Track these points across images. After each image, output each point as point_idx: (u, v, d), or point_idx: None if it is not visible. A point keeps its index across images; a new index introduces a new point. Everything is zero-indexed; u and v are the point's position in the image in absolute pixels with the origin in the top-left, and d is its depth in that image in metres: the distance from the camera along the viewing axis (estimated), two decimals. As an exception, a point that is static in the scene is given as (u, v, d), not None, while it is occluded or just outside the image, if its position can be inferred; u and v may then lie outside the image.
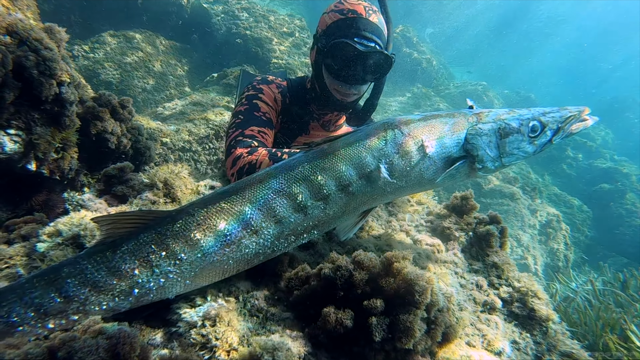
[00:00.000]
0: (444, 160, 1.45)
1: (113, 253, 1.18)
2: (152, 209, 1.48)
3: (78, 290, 1.13)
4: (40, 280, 1.13)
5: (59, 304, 1.11)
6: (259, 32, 8.68)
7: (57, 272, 1.14)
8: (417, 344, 1.21)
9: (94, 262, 1.17)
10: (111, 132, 2.21)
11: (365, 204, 1.45)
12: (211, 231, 1.25)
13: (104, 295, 1.16)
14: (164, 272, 1.21)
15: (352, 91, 2.33)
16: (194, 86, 7.76)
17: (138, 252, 1.20)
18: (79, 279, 1.14)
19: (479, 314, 1.66)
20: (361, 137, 1.42)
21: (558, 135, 1.52)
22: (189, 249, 1.22)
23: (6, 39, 1.59)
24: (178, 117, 4.77)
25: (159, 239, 1.22)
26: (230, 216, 1.27)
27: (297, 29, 9.81)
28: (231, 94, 6.74)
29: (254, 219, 1.28)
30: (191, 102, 5.20)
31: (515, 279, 1.85)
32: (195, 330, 1.20)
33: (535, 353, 1.65)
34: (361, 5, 2.20)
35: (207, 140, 4.58)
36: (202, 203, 1.31)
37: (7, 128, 1.64)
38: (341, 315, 1.20)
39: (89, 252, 1.20)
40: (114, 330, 1.02)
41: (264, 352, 1.08)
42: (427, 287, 1.17)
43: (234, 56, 8.63)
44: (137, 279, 1.18)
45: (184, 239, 1.23)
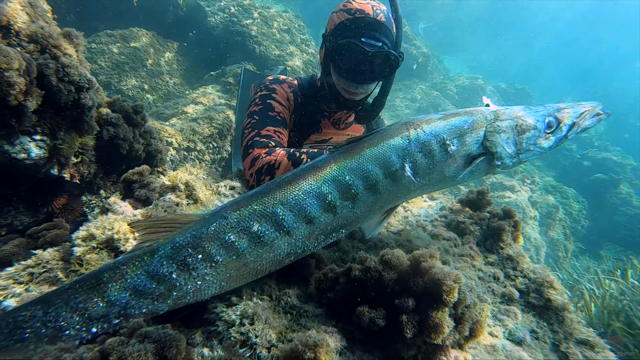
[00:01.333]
0: (464, 157, 1.50)
1: (151, 257, 1.21)
2: (186, 213, 1.51)
3: (120, 295, 1.16)
4: (83, 286, 1.15)
5: (102, 308, 1.14)
6: (256, 29, 8.66)
7: (98, 277, 1.17)
8: (445, 339, 1.26)
9: (133, 267, 1.19)
10: (123, 137, 2.22)
11: (390, 202, 1.49)
12: (245, 233, 1.28)
13: (143, 299, 1.19)
14: (200, 275, 1.23)
15: (360, 90, 2.36)
16: (192, 84, 7.73)
17: (175, 255, 1.22)
18: (120, 284, 1.17)
19: (498, 305, 1.71)
20: (385, 137, 1.46)
21: (573, 131, 1.57)
22: (225, 251, 1.25)
23: (30, 46, 1.61)
24: (180, 117, 4.77)
25: (195, 242, 1.24)
26: (263, 218, 1.30)
27: (294, 26, 9.80)
28: (230, 92, 6.73)
29: (286, 219, 1.31)
30: (192, 101, 5.20)
31: (530, 270, 1.90)
32: (234, 329, 1.24)
33: (552, 341, 1.71)
34: (369, 5, 2.22)
35: (210, 139, 4.59)
36: (235, 206, 1.33)
37: (33, 134, 1.66)
38: (374, 314, 1.24)
39: (127, 257, 1.22)
40: (160, 333, 1.05)
41: (306, 348, 1.12)
42: (454, 286, 1.20)
43: (231, 54, 8.59)
44: (175, 282, 1.21)
45: (220, 242, 1.26)
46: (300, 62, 9.21)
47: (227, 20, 8.57)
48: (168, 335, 1.04)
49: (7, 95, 1.45)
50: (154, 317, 1.24)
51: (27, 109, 1.58)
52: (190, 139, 4.28)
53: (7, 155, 1.60)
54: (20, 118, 1.56)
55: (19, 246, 1.50)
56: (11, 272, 1.31)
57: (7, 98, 1.46)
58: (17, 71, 1.45)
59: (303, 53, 9.57)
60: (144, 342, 1.02)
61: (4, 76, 1.43)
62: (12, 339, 1.06)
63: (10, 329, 1.06)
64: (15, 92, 1.46)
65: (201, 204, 1.86)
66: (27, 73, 1.51)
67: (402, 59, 2.30)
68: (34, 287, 1.29)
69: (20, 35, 1.58)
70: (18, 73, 1.46)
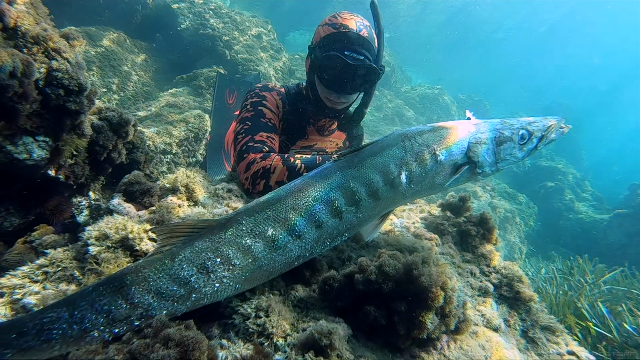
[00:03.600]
0: (451, 166, 1.68)
1: (172, 261, 1.25)
2: (203, 218, 1.56)
3: (142, 297, 1.19)
4: (107, 288, 1.18)
5: (126, 310, 1.17)
6: (227, 33, 8.65)
7: (121, 280, 1.20)
8: (431, 333, 1.38)
9: (155, 270, 1.23)
10: (102, 145, 2.20)
11: (387, 207, 1.63)
12: (260, 237, 1.35)
13: (165, 301, 1.23)
14: (219, 277, 1.29)
15: (342, 100, 2.52)
16: (162, 87, 7.59)
17: (195, 259, 1.27)
18: (143, 287, 1.20)
19: (476, 297, 1.91)
20: (384, 147, 1.60)
21: (542, 142, 1.80)
22: (242, 255, 1.32)
23: (34, 48, 1.63)
24: (155, 119, 4.71)
25: (213, 246, 1.30)
26: (276, 223, 1.38)
27: (264, 32, 9.87)
28: (202, 95, 6.70)
29: (297, 224, 1.40)
30: (167, 104, 5.14)
31: (502, 266, 2.13)
32: (250, 321, 1.33)
33: (522, 328, 1.94)
34: (353, 21, 2.39)
35: (186, 143, 4.56)
36: (249, 212, 1.40)
37: (36, 134, 1.67)
38: (378, 314, 1.38)
39: (148, 261, 1.26)
40: (182, 337, 1.07)
41: (322, 336, 1.23)
42: (439, 293, 1.32)
43: (200, 57, 8.52)
44: (195, 285, 1.26)
45: (237, 246, 1.32)
46: (270, 67, 9.29)
47: (198, 24, 8.50)
48: (189, 338, 1.07)
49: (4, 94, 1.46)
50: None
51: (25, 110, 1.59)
52: (167, 142, 4.24)
53: (9, 155, 1.60)
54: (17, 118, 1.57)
55: (22, 253, 1.51)
56: (26, 271, 1.33)
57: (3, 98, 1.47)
58: (11, 73, 1.47)
59: (273, 59, 9.66)
60: (168, 344, 1.05)
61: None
62: (39, 340, 1.07)
63: (37, 329, 1.07)
64: (11, 94, 1.48)
65: (202, 205, 1.93)
66: (25, 75, 1.53)
67: (383, 72, 2.49)
68: (50, 285, 1.32)
69: (26, 37, 1.59)
70: (11, 75, 1.48)
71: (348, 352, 1.30)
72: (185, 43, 8.40)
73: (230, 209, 1.94)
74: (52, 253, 1.41)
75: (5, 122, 1.54)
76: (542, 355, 1.83)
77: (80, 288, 1.33)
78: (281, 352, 1.26)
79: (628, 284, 4.44)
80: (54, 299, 1.27)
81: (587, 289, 3.86)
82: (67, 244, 1.62)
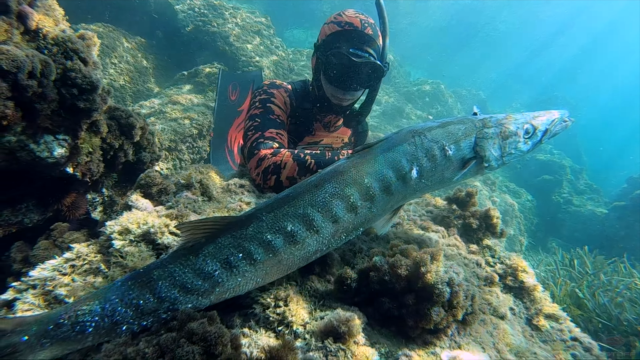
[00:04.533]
0: (459, 161, 1.74)
1: (196, 256, 1.29)
2: (224, 215, 1.61)
3: (169, 291, 1.23)
4: (135, 283, 1.22)
5: (153, 304, 1.21)
6: (227, 29, 8.66)
7: (148, 275, 1.24)
8: (438, 324, 1.43)
9: (180, 265, 1.27)
10: (109, 143, 2.25)
11: (398, 202, 1.69)
12: (280, 233, 1.38)
13: (190, 296, 1.26)
14: (241, 272, 1.33)
15: (347, 96, 2.57)
16: (163, 84, 7.61)
17: (218, 254, 1.31)
18: (169, 281, 1.24)
19: (482, 287, 1.98)
20: (395, 144, 1.66)
21: (546, 136, 1.86)
22: (263, 250, 1.36)
23: (54, 49, 1.67)
24: (159, 116, 4.75)
25: (236, 242, 1.34)
26: (295, 218, 1.42)
27: (263, 27, 9.87)
28: (204, 92, 6.73)
29: (315, 220, 1.44)
30: (170, 101, 5.17)
31: (506, 257, 2.20)
32: (270, 310, 1.39)
33: (526, 316, 2.01)
34: (358, 19, 2.43)
35: (191, 140, 4.60)
36: (268, 208, 1.43)
37: (57, 133, 1.72)
38: (391, 305, 1.44)
39: (173, 257, 1.30)
40: (206, 331, 1.10)
41: (340, 323, 1.29)
42: (443, 290, 1.38)
43: (201, 54, 8.54)
44: (218, 279, 1.30)
45: (258, 241, 1.36)
46: (269, 62, 9.31)
47: (198, 20, 8.50)
48: (211, 333, 1.10)
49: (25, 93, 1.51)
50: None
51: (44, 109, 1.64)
52: (172, 139, 4.29)
53: (32, 153, 1.65)
54: (37, 118, 1.62)
55: (48, 249, 1.56)
56: (55, 264, 1.38)
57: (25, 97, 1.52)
58: (30, 73, 1.51)
59: (272, 54, 9.68)
60: (192, 339, 1.08)
61: (19, 78, 1.49)
62: (74, 331, 1.12)
63: (72, 321, 1.12)
64: (30, 94, 1.52)
65: (216, 200, 1.98)
66: (44, 75, 1.57)
67: (388, 69, 2.53)
68: (78, 277, 1.38)
69: (47, 39, 1.64)
70: (31, 75, 1.52)
71: (364, 338, 1.36)
72: (185, 39, 8.41)
73: (244, 203, 2.00)
74: (77, 247, 1.46)
75: (27, 122, 1.59)
76: (547, 342, 1.90)
77: (106, 280, 1.38)
78: (301, 339, 1.33)
79: (627, 275, 4.53)
80: (82, 291, 1.33)
81: (587, 280, 3.94)
82: (89, 239, 1.68)
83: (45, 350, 1.09)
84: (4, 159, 1.64)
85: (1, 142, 1.54)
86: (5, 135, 1.49)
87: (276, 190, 2.23)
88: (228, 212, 1.87)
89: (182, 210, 1.68)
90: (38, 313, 1.22)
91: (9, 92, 1.38)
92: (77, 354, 1.18)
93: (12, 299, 1.26)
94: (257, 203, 2.08)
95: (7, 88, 1.37)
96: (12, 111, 1.36)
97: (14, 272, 1.46)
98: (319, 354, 1.26)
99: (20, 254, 1.49)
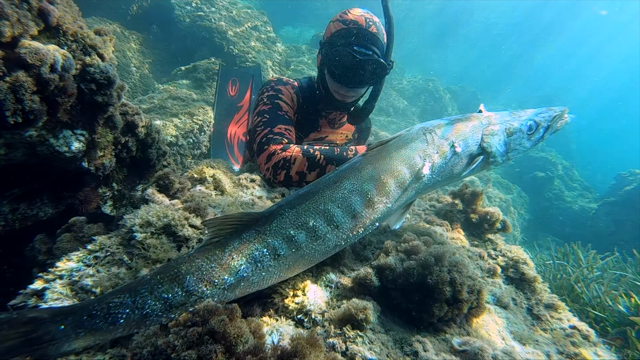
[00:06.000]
0: (467, 156, 1.81)
1: (222, 251, 1.33)
2: (248, 212, 1.64)
3: (197, 285, 1.26)
4: (164, 277, 1.25)
5: (182, 297, 1.24)
6: (224, 25, 8.63)
7: (177, 269, 1.27)
8: (442, 317, 1.51)
9: (207, 260, 1.30)
10: (116, 137, 2.27)
11: (411, 198, 1.75)
12: (302, 228, 1.43)
13: (216, 289, 1.29)
14: (265, 267, 1.37)
15: (351, 93, 2.62)
16: (159, 79, 7.59)
17: (244, 249, 1.35)
18: (197, 275, 1.27)
19: (486, 278, 2.06)
20: (408, 141, 1.71)
21: (548, 132, 1.93)
22: (286, 245, 1.40)
23: (73, 45, 1.70)
24: (159, 112, 4.75)
25: (260, 237, 1.38)
26: (316, 214, 1.46)
27: (260, 23, 9.85)
28: (202, 87, 6.73)
29: (336, 215, 1.48)
30: (170, 96, 5.17)
31: (508, 250, 2.28)
32: (289, 300, 1.45)
33: (527, 306, 2.09)
34: (363, 17, 2.48)
35: (191, 135, 4.62)
36: (289, 204, 1.48)
37: (75, 128, 1.75)
38: (400, 300, 1.51)
39: (199, 252, 1.33)
40: (225, 328, 1.08)
41: (357, 310, 1.36)
42: (445, 289, 1.44)
43: (198, 49, 8.51)
44: (244, 274, 1.33)
45: (282, 237, 1.40)
46: (267, 58, 9.31)
47: (194, 15, 8.46)
48: (232, 329, 1.09)
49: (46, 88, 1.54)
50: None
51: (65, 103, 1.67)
52: (173, 134, 4.30)
53: (51, 148, 1.68)
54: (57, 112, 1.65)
55: (70, 241, 1.60)
56: (80, 255, 1.42)
57: (46, 91, 1.54)
58: (51, 67, 1.54)
59: (270, 50, 9.67)
60: (215, 337, 1.08)
61: (41, 72, 1.52)
62: (107, 322, 1.16)
63: (104, 313, 1.16)
64: (52, 88, 1.55)
65: (228, 194, 2.03)
66: (65, 69, 1.60)
67: (392, 67, 2.59)
68: (102, 268, 1.42)
69: (67, 35, 1.66)
70: (52, 69, 1.55)
71: (379, 326, 1.43)
72: (182, 34, 8.37)
73: (255, 197, 2.05)
74: (99, 239, 1.50)
75: (48, 116, 1.62)
76: (547, 330, 1.98)
77: (130, 272, 1.43)
78: (320, 327, 1.39)
79: (619, 268, 4.68)
80: (108, 281, 1.37)
81: (581, 273, 4.07)
82: (107, 232, 1.72)
83: (80, 340, 1.13)
84: (24, 153, 1.67)
85: (23, 136, 1.57)
86: (28, 129, 1.52)
87: (286, 184, 2.28)
88: (242, 206, 1.92)
89: (200, 204, 1.73)
90: (73, 304, 1.26)
91: (34, 86, 1.41)
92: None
93: (42, 288, 1.30)
94: (268, 197, 2.13)
95: (32, 82, 1.40)
96: (38, 105, 1.39)
97: (39, 263, 1.50)
98: (339, 340, 1.32)
99: (44, 245, 1.53)
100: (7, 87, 1.28)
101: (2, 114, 1.25)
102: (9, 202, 1.83)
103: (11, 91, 1.28)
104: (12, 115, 1.27)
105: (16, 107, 1.28)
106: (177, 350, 1.04)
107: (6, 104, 1.25)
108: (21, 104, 1.29)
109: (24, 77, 1.29)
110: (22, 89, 1.29)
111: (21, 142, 1.60)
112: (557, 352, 1.77)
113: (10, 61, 1.36)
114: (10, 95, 1.27)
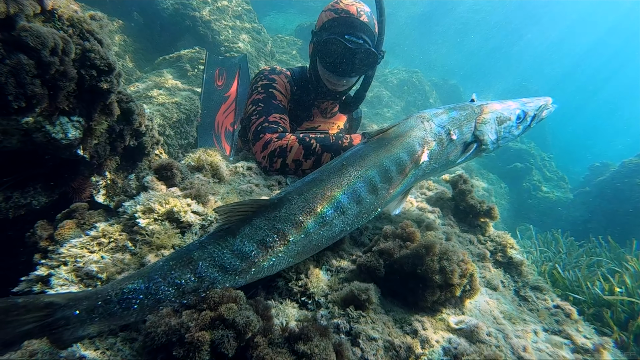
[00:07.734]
0: (462, 144, 1.87)
1: (234, 238, 1.35)
2: (257, 199, 1.64)
3: (209, 271, 1.27)
4: (177, 263, 1.26)
5: (194, 283, 1.25)
6: (208, 14, 8.47)
7: (189, 255, 1.29)
8: (435, 301, 1.56)
9: (218, 247, 1.32)
10: (111, 126, 2.23)
11: (410, 184, 1.80)
12: (311, 214, 1.45)
13: (228, 275, 1.31)
14: (275, 252, 1.39)
15: (342, 82, 2.66)
16: (142, 67, 7.42)
17: (255, 236, 1.37)
18: (209, 262, 1.28)
19: (476, 262, 2.14)
20: (407, 129, 1.76)
21: (535, 121, 2.02)
22: (295, 231, 1.42)
23: (70, 30, 1.67)
24: (145, 101, 4.67)
25: (270, 224, 1.40)
26: (324, 200, 1.49)
27: (244, 12, 9.71)
28: (187, 77, 6.62)
29: (342, 201, 1.52)
30: (155, 86, 5.08)
31: (496, 235, 2.37)
32: (293, 283, 1.49)
33: (514, 288, 2.19)
34: (354, 7, 2.51)
35: (179, 125, 4.56)
36: (297, 191, 1.50)
37: (71, 115, 1.73)
38: (398, 284, 1.56)
39: (211, 238, 1.35)
40: (239, 317, 1.10)
41: (360, 292, 1.41)
42: (435, 278, 1.47)
43: (181, 37, 8.34)
44: (255, 259, 1.35)
45: (291, 223, 1.42)
46: (252, 48, 9.21)
47: (177, 3, 8.27)
48: (243, 318, 1.11)
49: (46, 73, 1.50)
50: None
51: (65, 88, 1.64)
52: (160, 124, 4.24)
53: (47, 135, 1.66)
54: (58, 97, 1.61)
55: (72, 228, 1.59)
56: (83, 241, 1.42)
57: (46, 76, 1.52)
58: (52, 50, 1.50)
59: (255, 40, 9.57)
60: (226, 323, 1.10)
61: (42, 55, 1.48)
62: (121, 307, 1.17)
63: (119, 298, 1.17)
64: (53, 72, 1.52)
65: (226, 182, 2.04)
66: (65, 53, 1.57)
67: (383, 56, 2.63)
68: (106, 254, 1.42)
69: (63, 20, 1.63)
70: (52, 52, 1.51)
71: (380, 307, 1.48)
72: (165, 22, 8.17)
73: (253, 185, 2.07)
74: (102, 226, 1.50)
75: (47, 102, 1.60)
76: (533, 310, 2.09)
77: (135, 257, 1.44)
78: (324, 309, 1.43)
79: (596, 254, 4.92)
80: (113, 267, 1.38)
81: (561, 259, 4.26)
82: (107, 219, 1.71)
83: (94, 325, 1.14)
84: (19, 140, 1.64)
85: (20, 122, 1.55)
86: (27, 115, 1.50)
87: (282, 172, 2.30)
88: (240, 194, 1.94)
89: (200, 190, 1.74)
90: (87, 289, 1.27)
91: (35, 69, 1.39)
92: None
93: (47, 274, 1.30)
94: (265, 185, 2.15)
95: (34, 66, 1.38)
96: (40, 90, 1.37)
97: (40, 250, 1.49)
98: (342, 320, 1.37)
99: (45, 231, 1.51)
100: (7, 70, 1.26)
101: (5, 98, 1.22)
102: (2, 191, 1.79)
103: (12, 75, 1.26)
104: (15, 100, 1.25)
105: (18, 91, 1.26)
106: (191, 331, 1.07)
107: (8, 88, 1.23)
108: (23, 88, 1.27)
109: (26, 60, 1.27)
110: (23, 72, 1.27)
111: (17, 129, 1.57)
112: (543, 329, 1.87)
113: (9, 44, 1.33)
114: (11, 79, 1.24)
